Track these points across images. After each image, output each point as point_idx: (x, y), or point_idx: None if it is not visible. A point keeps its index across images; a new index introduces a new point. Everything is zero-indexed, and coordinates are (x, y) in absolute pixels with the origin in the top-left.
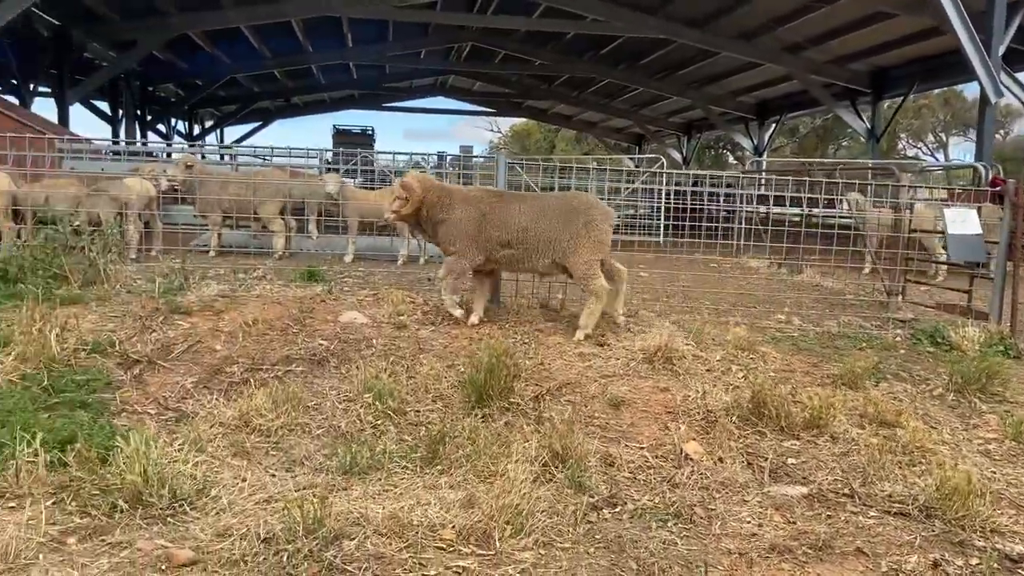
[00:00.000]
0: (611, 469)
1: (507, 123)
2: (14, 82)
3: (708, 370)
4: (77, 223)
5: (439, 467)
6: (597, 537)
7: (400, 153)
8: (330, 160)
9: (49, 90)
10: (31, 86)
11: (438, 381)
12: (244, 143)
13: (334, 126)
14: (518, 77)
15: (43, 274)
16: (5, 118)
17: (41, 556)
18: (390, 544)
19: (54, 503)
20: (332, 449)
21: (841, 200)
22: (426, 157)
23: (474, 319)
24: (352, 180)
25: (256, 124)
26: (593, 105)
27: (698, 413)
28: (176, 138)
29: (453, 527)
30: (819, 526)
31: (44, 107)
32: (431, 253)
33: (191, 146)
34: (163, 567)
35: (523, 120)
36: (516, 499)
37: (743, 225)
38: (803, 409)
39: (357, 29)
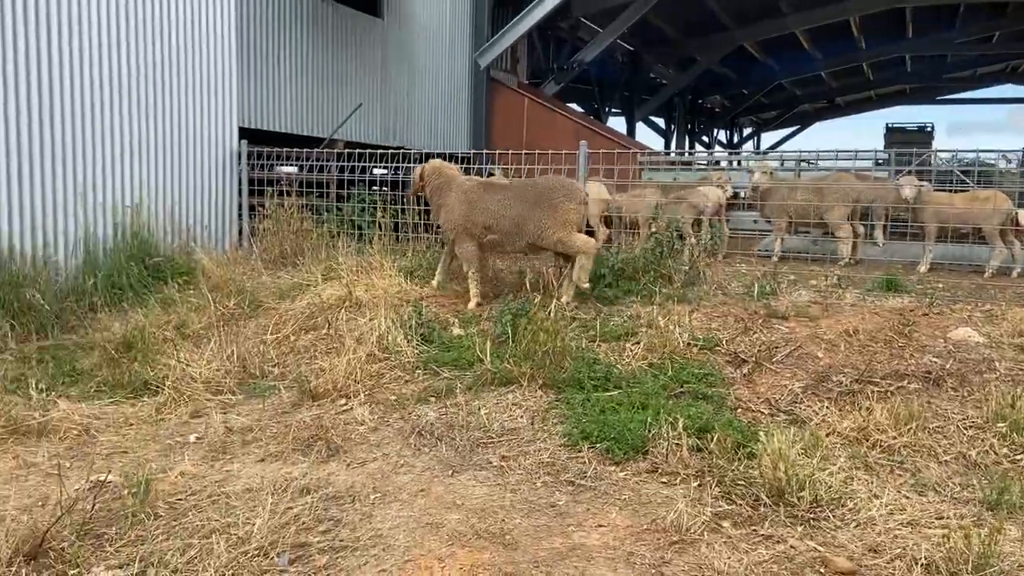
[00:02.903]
0: None
1: None
2: (594, 105)
3: None
4: (654, 230)
5: None
6: None
7: (966, 151)
8: (879, 161)
9: (619, 110)
10: (607, 107)
11: None
12: (779, 148)
13: (887, 125)
14: None
15: (652, 274)
16: (600, 136)
17: (705, 534)
18: None
19: (699, 485)
20: (966, 479)
21: None
22: (1006, 155)
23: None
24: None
25: (793, 128)
26: None
27: None
28: (717, 147)
29: None
30: None
31: (613, 124)
32: None
33: (743, 152)
34: (820, 570)
35: None
36: None
37: None
38: None
39: (920, 18)
